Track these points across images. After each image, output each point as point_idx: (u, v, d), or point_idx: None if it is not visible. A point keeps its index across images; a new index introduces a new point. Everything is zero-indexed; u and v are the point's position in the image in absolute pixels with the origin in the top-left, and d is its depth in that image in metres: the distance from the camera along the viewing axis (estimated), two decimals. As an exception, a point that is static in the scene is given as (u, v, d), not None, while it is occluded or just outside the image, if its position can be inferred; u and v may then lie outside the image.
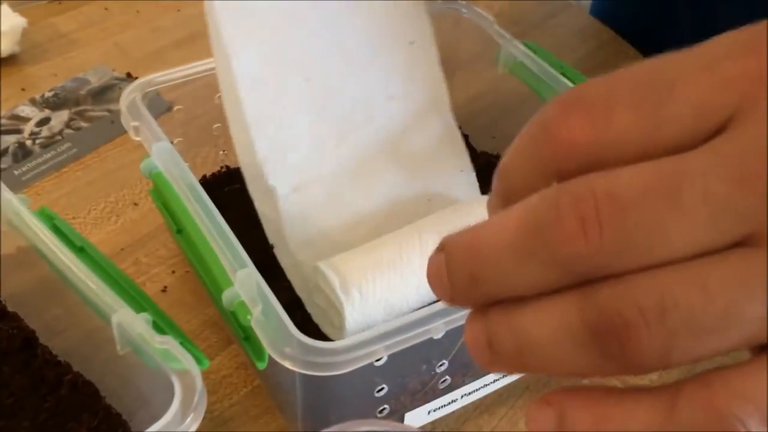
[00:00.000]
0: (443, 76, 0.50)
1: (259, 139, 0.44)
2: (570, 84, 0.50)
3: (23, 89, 0.65)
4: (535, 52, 0.53)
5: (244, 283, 0.36)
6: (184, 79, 0.49)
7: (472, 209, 0.45)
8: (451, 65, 0.59)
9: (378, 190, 0.47)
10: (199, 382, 0.33)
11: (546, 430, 0.19)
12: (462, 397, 0.43)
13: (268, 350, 0.35)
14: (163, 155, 0.43)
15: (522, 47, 0.53)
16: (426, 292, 0.41)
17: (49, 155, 0.59)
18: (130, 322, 0.35)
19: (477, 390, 0.44)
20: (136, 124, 0.45)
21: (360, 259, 0.41)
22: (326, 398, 0.39)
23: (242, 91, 0.44)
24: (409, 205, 0.46)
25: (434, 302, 0.38)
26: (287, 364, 0.34)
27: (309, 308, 0.44)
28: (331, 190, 0.46)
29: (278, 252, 0.45)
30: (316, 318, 0.43)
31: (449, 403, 0.43)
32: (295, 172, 0.45)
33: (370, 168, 0.47)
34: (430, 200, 0.48)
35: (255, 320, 0.35)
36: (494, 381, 0.44)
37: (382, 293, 0.40)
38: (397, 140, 0.48)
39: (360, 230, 0.46)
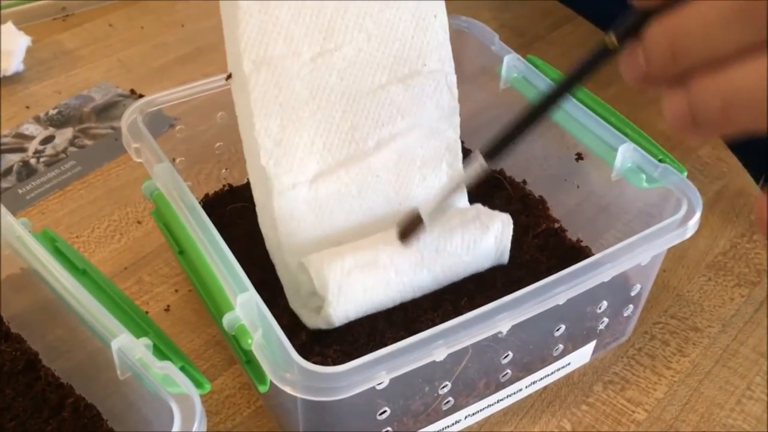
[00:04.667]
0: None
1: (263, 133, 0.42)
2: (572, 98, 0.49)
3: (27, 107, 0.65)
4: (537, 66, 0.53)
5: (245, 306, 0.36)
6: (187, 99, 0.49)
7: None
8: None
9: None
10: (198, 407, 0.33)
11: None
12: (465, 417, 0.43)
13: (269, 375, 0.34)
14: (164, 176, 0.43)
15: (524, 62, 0.53)
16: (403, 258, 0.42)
17: (53, 174, 0.59)
18: (130, 348, 0.35)
19: (481, 410, 0.44)
20: (137, 145, 0.45)
21: (338, 250, 0.42)
22: (328, 421, 0.39)
23: (248, 72, 0.41)
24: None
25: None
26: (288, 390, 0.34)
27: (293, 305, 0.44)
28: (330, 190, 0.45)
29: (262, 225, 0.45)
30: (303, 317, 0.43)
31: (453, 424, 0.43)
32: (295, 169, 0.43)
33: (366, 164, 0.46)
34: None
35: (256, 344, 0.35)
36: (498, 401, 0.44)
37: (365, 262, 0.41)
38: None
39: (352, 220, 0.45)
